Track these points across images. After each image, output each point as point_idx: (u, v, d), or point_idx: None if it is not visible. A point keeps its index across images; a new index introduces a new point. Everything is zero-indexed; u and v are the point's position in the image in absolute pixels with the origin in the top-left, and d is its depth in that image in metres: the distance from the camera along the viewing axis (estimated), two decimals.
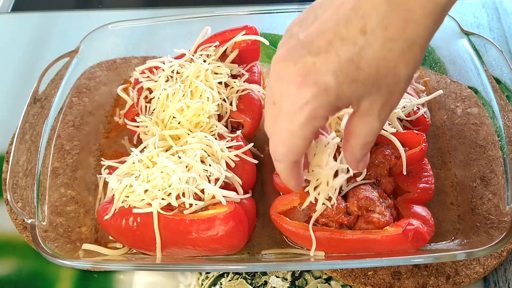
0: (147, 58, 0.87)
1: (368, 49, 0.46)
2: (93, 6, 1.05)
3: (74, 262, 0.64)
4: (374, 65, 0.46)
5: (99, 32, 0.84)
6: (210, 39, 0.80)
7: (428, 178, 0.68)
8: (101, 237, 0.71)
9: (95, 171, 0.77)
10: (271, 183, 0.72)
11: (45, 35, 0.98)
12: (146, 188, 0.65)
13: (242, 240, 0.65)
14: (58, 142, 0.77)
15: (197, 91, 0.73)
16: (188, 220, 0.63)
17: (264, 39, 0.79)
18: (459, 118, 0.78)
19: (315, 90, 0.47)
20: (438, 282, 0.65)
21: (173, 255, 0.66)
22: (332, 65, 0.46)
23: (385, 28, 0.45)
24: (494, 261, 0.66)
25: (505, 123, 0.70)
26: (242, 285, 0.68)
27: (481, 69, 0.75)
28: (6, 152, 0.81)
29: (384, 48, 0.46)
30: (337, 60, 0.46)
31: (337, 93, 0.47)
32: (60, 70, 0.80)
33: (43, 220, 0.68)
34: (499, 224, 0.64)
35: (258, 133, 0.79)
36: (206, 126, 0.72)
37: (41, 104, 0.76)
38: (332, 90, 0.47)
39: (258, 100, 0.77)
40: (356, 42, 0.46)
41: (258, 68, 0.82)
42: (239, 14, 0.85)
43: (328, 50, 0.46)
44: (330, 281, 0.68)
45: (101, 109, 0.84)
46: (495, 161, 0.71)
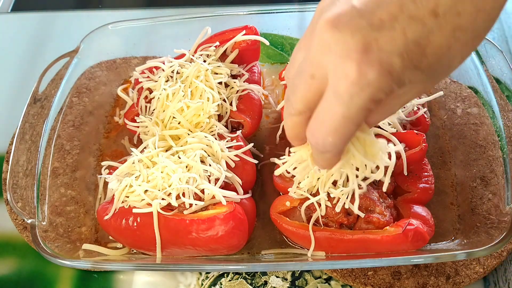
0: (147, 58, 0.87)
1: (438, 34, 0.41)
2: (93, 6, 1.05)
3: (74, 262, 0.64)
4: (439, 53, 0.42)
5: (99, 32, 0.84)
6: (210, 39, 0.80)
7: (428, 178, 0.68)
8: (101, 237, 0.71)
9: (95, 171, 0.77)
10: (271, 183, 0.72)
11: (45, 35, 0.98)
12: (146, 188, 0.65)
13: (242, 240, 0.65)
14: (58, 142, 0.77)
15: (197, 91, 0.73)
16: (188, 220, 0.63)
17: (264, 39, 0.80)
18: (459, 118, 0.78)
19: (380, 70, 0.41)
20: (438, 282, 0.65)
21: (173, 255, 0.66)
22: (398, 44, 0.41)
23: (458, 13, 0.41)
24: (494, 261, 0.66)
25: (505, 123, 0.71)
26: (242, 285, 0.68)
27: (481, 69, 0.75)
28: (6, 152, 0.81)
29: (452, 36, 0.41)
30: (403, 40, 0.41)
31: (399, 78, 0.42)
32: (60, 70, 0.80)
33: (43, 220, 0.68)
34: (499, 224, 0.64)
35: (258, 133, 0.80)
36: (206, 126, 0.72)
37: (41, 104, 0.76)
38: (395, 73, 0.42)
39: (258, 100, 0.77)
40: (426, 23, 0.41)
41: (258, 68, 0.82)
42: (239, 14, 0.85)
43: (393, 26, 0.41)
44: (330, 281, 0.68)
45: (101, 109, 0.84)
46: (495, 161, 0.71)
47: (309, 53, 0.45)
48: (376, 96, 0.43)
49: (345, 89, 0.43)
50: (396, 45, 0.41)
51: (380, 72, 0.42)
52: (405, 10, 0.41)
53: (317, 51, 0.44)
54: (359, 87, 0.42)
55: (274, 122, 0.81)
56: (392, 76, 0.42)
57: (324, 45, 0.43)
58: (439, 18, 0.41)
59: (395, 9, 0.41)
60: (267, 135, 0.80)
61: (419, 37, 0.41)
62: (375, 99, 0.43)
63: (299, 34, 0.89)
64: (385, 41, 0.41)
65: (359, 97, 0.43)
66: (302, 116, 0.48)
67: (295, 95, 0.48)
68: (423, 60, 0.42)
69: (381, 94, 0.43)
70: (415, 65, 0.42)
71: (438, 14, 0.41)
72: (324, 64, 0.44)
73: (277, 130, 0.77)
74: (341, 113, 0.44)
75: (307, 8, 0.86)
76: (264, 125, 0.81)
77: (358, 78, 0.42)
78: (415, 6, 0.41)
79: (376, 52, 0.41)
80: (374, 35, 0.41)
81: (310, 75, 0.45)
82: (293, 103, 0.48)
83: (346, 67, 0.42)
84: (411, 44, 0.41)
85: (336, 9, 0.43)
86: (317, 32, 0.44)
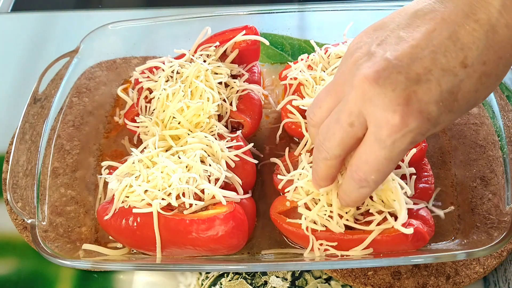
0: (147, 58, 0.87)
1: (467, 82, 0.47)
2: (93, 6, 1.05)
3: (74, 262, 0.64)
4: (468, 97, 0.48)
5: (99, 32, 0.84)
6: (210, 39, 0.80)
7: (428, 178, 0.68)
8: (101, 237, 0.71)
9: (95, 171, 0.77)
10: (271, 183, 0.72)
11: (45, 35, 0.98)
12: (146, 188, 0.65)
13: (242, 240, 0.65)
14: (58, 142, 0.77)
15: (197, 91, 0.73)
16: (188, 220, 0.63)
17: (264, 39, 0.80)
18: (459, 118, 0.78)
19: (420, 119, 0.47)
20: (438, 282, 0.65)
21: (173, 255, 0.66)
22: (435, 95, 0.47)
23: (483, 63, 0.46)
24: (494, 261, 0.66)
25: (505, 123, 0.71)
26: (242, 285, 0.68)
27: None
28: (6, 152, 0.81)
29: (479, 82, 0.47)
30: (439, 90, 0.47)
31: (436, 122, 0.48)
32: (60, 70, 0.80)
33: (43, 220, 0.68)
34: (499, 224, 0.64)
35: (258, 133, 0.80)
36: (206, 126, 0.72)
37: (41, 104, 0.76)
38: (433, 120, 0.47)
39: (258, 100, 0.77)
40: (457, 74, 0.46)
41: (258, 68, 0.82)
42: (239, 14, 0.85)
43: (428, 79, 0.46)
44: (330, 281, 0.68)
45: (101, 109, 0.84)
46: (495, 161, 0.71)
47: (346, 103, 0.50)
48: (416, 139, 0.48)
49: (387, 135, 0.48)
50: (433, 95, 0.47)
51: (420, 121, 0.47)
52: (438, 64, 0.46)
53: (357, 102, 0.49)
54: (401, 134, 0.47)
55: (274, 122, 0.81)
56: (430, 121, 0.47)
57: (365, 98, 0.48)
58: (468, 68, 0.46)
59: (428, 63, 0.46)
60: (267, 135, 0.80)
61: (452, 87, 0.47)
62: (414, 142, 0.49)
63: (299, 34, 0.89)
64: (423, 93, 0.47)
65: (402, 142, 0.48)
66: (337, 160, 0.54)
67: (331, 141, 0.53)
68: (455, 104, 0.48)
69: (420, 137, 0.48)
70: (449, 110, 0.48)
71: (467, 65, 0.46)
72: (364, 114, 0.49)
73: (277, 130, 0.77)
74: (384, 155, 0.49)
75: (307, 8, 0.86)
76: (264, 125, 0.81)
77: (401, 127, 0.47)
78: (446, 59, 0.46)
79: (416, 103, 0.47)
80: (413, 88, 0.46)
81: (349, 124, 0.50)
82: (330, 149, 0.53)
83: (389, 117, 0.47)
84: (445, 93, 0.47)
85: (374, 65, 0.48)
86: (356, 85, 0.48)
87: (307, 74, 0.75)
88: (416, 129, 0.47)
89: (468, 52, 0.46)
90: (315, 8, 0.87)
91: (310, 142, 0.71)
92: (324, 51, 0.77)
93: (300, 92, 0.75)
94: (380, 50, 0.48)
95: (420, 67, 0.47)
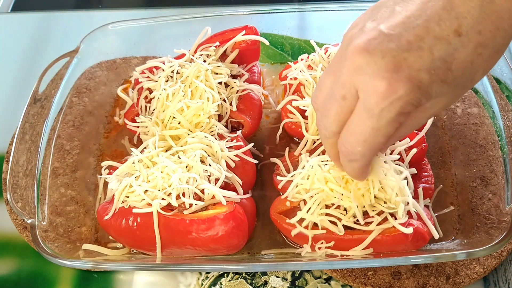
0: (147, 58, 0.87)
1: (462, 51, 0.46)
2: (93, 6, 1.05)
3: (74, 262, 0.64)
4: (463, 67, 0.46)
5: (99, 32, 0.84)
6: (210, 39, 0.80)
7: (428, 178, 0.68)
8: (101, 237, 0.71)
9: (95, 171, 0.77)
10: (271, 183, 0.72)
11: (45, 35, 0.98)
12: (146, 188, 0.65)
13: (242, 240, 0.65)
14: (58, 142, 0.77)
15: (197, 91, 0.73)
16: (188, 220, 0.63)
17: (264, 39, 0.80)
18: (459, 118, 0.78)
19: (409, 86, 0.45)
20: (438, 282, 0.65)
21: (173, 255, 0.66)
22: (426, 62, 0.45)
23: (479, 32, 0.45)
24: (494, 261, 0.66)
25: (505, 123, 0.71)
26: (242, 285, 0.68)
27: None
28: (6, 152, 0.81)
29: (475, 52, 0.46)
30: (431, 57, 0.45)
31: (427, 91, 0.46)
32: (60, 70, 0.80)
33: (43, 220, 0.68)
34: (499, 224, 0.64)
35: (258, 133, 0.80)
36: (206, 126, 0.72)
37: (41, 104, 0.76)
38: (423, 88, 0.46)
39: (258, 100, 0.77)
40: (451, 42, 0.45)
41: (258, 68, 0.82)
42: (239, 14, 0.85)
43: (420, 46, 0.45)
44: (330, 281, 0.68)
45: (101, 109, 0.84)
46: (495, 161, 0.71)
47: (340, 76, 0.49)
48: (405, 109, 0.47)
49: (375, 103, 0.46)
50: (424, 63, 0.45)
51: (409, 87, 0.45)
52: (430, 31, 0.45)
53: (349, 74, 0.48)
54: (389, 101, 0.46)
55: (274, 122, 0.81)
56: (420, 90, 0.46)
57: (355, 67, 0.47)
58: (463, 37, 0.45)
59: (421, 32, 0.45)
60: (267, 135, 0.80)
61: (445, 55, 0.45)
62: (404, 112, 0.47)
63: (299, 34, 0.89)
64: (414, 60, 0.45)
65: (389, 110, 0.46)
66: (337, 137, 0.52)
67: (327, 118, 0.51)
68: (449, 74, 0.46)
69: (410, 107, 0.47)
70: (442, 79, 0.46)
71: (461, 33, 0.45)
72: (355, 84, 0.47)
73: (277, 130, 0.77)
74: (371, 125, 0.48)
75: (307, 8, 0.86)
76: (264, 125, 0.81)
77: (389, 94, 0.46)
78: (439, 27, 0.45)
79: (405, 69, 0.45)
80: (404, 55, 0.45)
81: (342, 97, 0.49)
82: (327, 126, 0.52)
83: (378, 85, 0.46)
84: (437, 61, 0.45)
85: (365, 35, 0.47)
86: (348, 57, 0.47)
87: (307, 74, 0.75)
88: (404, 97, 0.46)
89: (462, 20, 0.45)
90: (315, 8, 0.87)
91: (310, 142, 0.71)
92: (324, 51, 0.77)
93: (300, 92, 0.75)
94: (374, 23, 0.47)
95: (412, 35, 0.45)
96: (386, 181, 0.61)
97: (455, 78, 0.46)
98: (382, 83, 0.46)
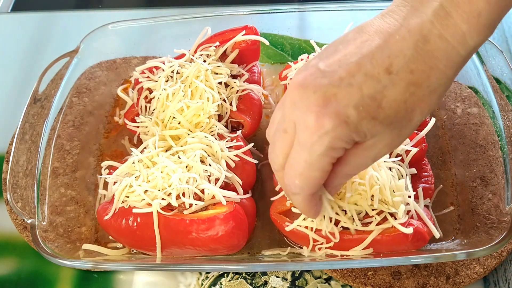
0: (147, 58, 0.87)
1: (392, 89, 0.46)
2: (93, 6, 1.05)
3: (74, 262, 0.64)
4: (395, 106, 0.46)
5: (99, 32, 0.84)
6: (210, 39, 0.80)
7: (428, 178, 0.68)
8: (101, 237, 0.71)
9: (95, 171, 0.77)
10: (271, 183, 0.72)
11: (45, 35, 0.98)
12: (146, 188, 0.65)
13: (242, 240, 0.65)
14: (58, 142, 0.77)
15: (197, 91, 0.73)
16: (188, 220, 0.63)
17: (264, 39, 0.79)
18: (459, 118, 0.78)
19: (336, 121, 0.46)
20: (438, 282, 0.65)
21: (173, 255, 0.66)
22: (355, 98, 0.46)
23: (410, 71, 0.45)
24: (494, 261, 0.66)
25: (505, 123, 0.71)
26: (242, 285, 0.68)
27: (481, 69, 0.75)
28: (6, 152, 0.81)
29: (407, 91, 0.46)
30: (359, 94, 0.46)
31: (356, 127, 0.46)
32: (60, 70, 0.80)
33: (43, 220, 0.68)
34: (499, 224, 0.64)
35: (258, 133, 0.79)
36: (206, 126, 0.72)
37: (41, 104, 0.76)
38: (352, 123, 0.46)
39: (258, 100, 0.77)
40: (381, 80, 0.46)
41: (258, 68, 0.82)
42: (239, 14, 0.85)
43: (350, 83, 0.46)
44: (330, 281, 0.68)
45: (101, 109, 0.84)
46: (495, 161, 0.71)
47: (283, 111, 0.50)
48: (335, 144, 0.47)
49: (306, 138, 0.47)
50: (353, 99, 0.46)
51: (336, 122, 0.46)
52: (362, 69, 0.46)
53: (288, 108, 0.49)
54: (318, 135, 0.47)
55: None
56: (348, 125, 0.46)
57: (292, 102, 0.48)
58: (393, 75, 0.45)
59: (353, 69, 0.46)
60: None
61: (374, 92, 0.46)
62: (334, 147, 0.47)
63: (299, 34, 0.89)
64: (343, 96, 0.46)
65: (319, 144, 0.47)
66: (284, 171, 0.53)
67: (274, 151, 0.53)
68: (379, 112, 0.46)
69: (339, 142, 0.47)
70: (372, 116, 0.46)
71: (392, 71, 0.45)
72: (293, 118, 0.49)
73: None
74: (304, 158, 0.49)
75: (307, 8, 0.86)
76: (264, 125, 0.80)
77: (316, 128, 0.47)
78: (371, 65, 0.46)
79: (334, 104, 0.46)
80: (334, 91, 0.46)
81: (283, 130, 0.50)
82: (275, 159, 0.53)
83: (307, 119, 0.47)
84: (366, 98, 0.46)
85: (305, 71, 0.48)
86: (287, 92, 0.49)
87: None
88: (332, 132, 0.46)
89: (394, 59, 0.45)
90: (315, 8, 0.87)
91: None
92: None
93: None
94: (316, 60, 0.48)
95: (345, 71, 0.46)
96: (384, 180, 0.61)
97: (388, 116, 0.46)
98: (311, 117, 0.47)
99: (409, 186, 0.64)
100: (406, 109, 0.46)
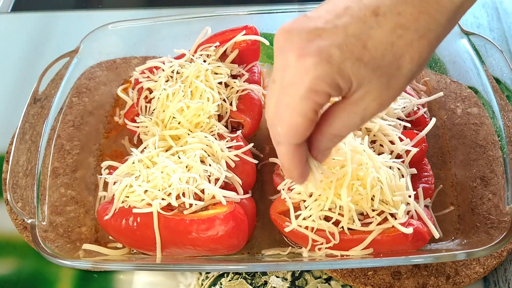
0: (147, 58, 0.87)
1: (378, 30, 0.44)
2: (93, 6, 1.05)
3: (74, 262, 0.64)
4: (381, 48, 0.44)
5: (99, 32, 0.84)
6: (210, 39, 0.80)
7: (428, 178, 0.68)
8: (101, 237, 0.71)
9: (95, 171, 0.77)
10: (271, 183, 0.72)
11: (45, 35, 0.98)
12: (146, 188, 0.65)
13: (242, 240, 0.65)
14: (58, 142, 0.77)
15: (197, 91, 0.73)
16: (188, 220, 0.63)
17: (264, 39, 0.79)
18: (459, 118, 0.78)
19: (317, 58, 0.44)
20: (438, 282, 0.65)
21: (173, 255, 0.66)
22: (339, 38, 0.44)
23: (398, 13, 0.44)
24: (494, 261, 0.66)
25: (505, 123, 0.70)
26: (242, 285, 0.68)
27: (481, 69, 0.75)
28: (6, 152, 0.81)
29: (394, 33, 0.44)
30: (344, 33, 0.44)
31: (340, 68, 0.44)
32: (60, 70, 0.80)
33: (43, 220, 0.68)
34: (499, 224, 0.64)
35: (258, 133, 0.79)
36: (206, 126, 0.72)
37: (41, 104, 0.76)
38: (335, 62, 0.44)
39: (258, 100, 0.77)
40: (367, 21, 0.44)
41: (258, 68, 0.82)
42: (239, 14, 0.85)
43: (336, 24, 0.45)
44: (330, 281, 0.68)
45: (101, 109, 0.84)
46: (495, 161, 0.71)
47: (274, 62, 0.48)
48: (316, 85, 0.45)
49: (288, 78, 0.45)
50: (337, 38, 0.44)
51: (317, 60, 0.44)
52: (348, 11, 0.45)
53: (275, 57, 0.47)
54: (298, 75, 0.45)
55: None
56: (331, 65, 0.44)
57: (278, 47, 0.47)
58: (380, 17, 0.44)
59: (340, 12, 0.45)
60: (267, 135, 0.78)
61: (359, 32, 0.44)
62: (315, 89, 0.45)
63: None
64: (326, 36, 0.44)
65: (299, 84, 0.45)
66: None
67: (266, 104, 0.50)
68: (364, 53, 0.44)
69: (321, 84, 0.45)
70: (357, 57, 0.44)
71: (378, 13, 0.44)
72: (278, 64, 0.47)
73: None
74: (286, 102, 0.46)
75: (307, 8, 0.86)
76: (264, 125, 0.80)
77: (297, 68, 0.45)
78: (358, 8, 0.45)
79: (316, 43, 0.44)
80: (318, 32, 0.45)
81: (272, 80, 0.48)
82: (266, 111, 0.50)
83: (289, 60, 0.45)
84: (351, 37, 0.44)
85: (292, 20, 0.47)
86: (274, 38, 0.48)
87: None
88: (313, 70, 0.44)
89: (381, 2, 0.44)
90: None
91: None
92: None
93: None
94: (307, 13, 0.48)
95: (331, 15, 0.45)
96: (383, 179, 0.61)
97: (373, 58, 0.44)
98: (292, 57, 0.45)
99: (409, 186, 0.64)
100: (393, 54, 0.45)
